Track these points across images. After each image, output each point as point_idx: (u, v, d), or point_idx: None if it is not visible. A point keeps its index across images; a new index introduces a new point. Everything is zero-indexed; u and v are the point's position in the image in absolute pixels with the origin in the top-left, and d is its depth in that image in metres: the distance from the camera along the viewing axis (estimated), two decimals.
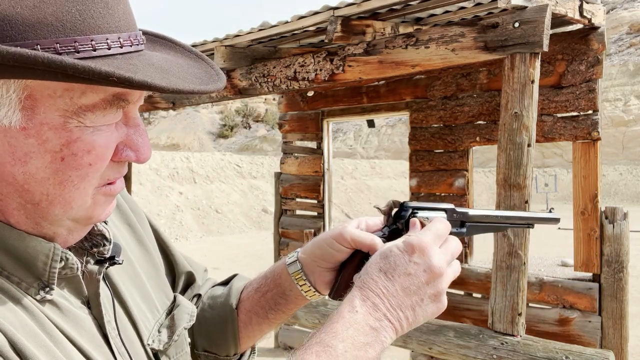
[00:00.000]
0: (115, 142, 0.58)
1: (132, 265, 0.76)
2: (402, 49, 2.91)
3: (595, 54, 3.27)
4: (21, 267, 0.58)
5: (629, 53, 32.87)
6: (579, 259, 3.28)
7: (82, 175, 0.57)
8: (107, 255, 0.66)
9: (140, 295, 0.75)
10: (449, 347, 2.77)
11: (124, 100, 0.56)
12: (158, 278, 0.81)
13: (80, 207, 0.59)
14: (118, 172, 0.61)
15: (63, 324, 0.58)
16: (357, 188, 21.86)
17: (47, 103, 0.53)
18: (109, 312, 0.65)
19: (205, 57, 0.66)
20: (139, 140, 0.60)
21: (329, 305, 3.41)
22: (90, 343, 0.60)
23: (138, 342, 0.69)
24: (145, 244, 0.82)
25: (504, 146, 2.59)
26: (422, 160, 4.15)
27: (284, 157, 5.22)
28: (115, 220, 0.78)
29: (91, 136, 0.56)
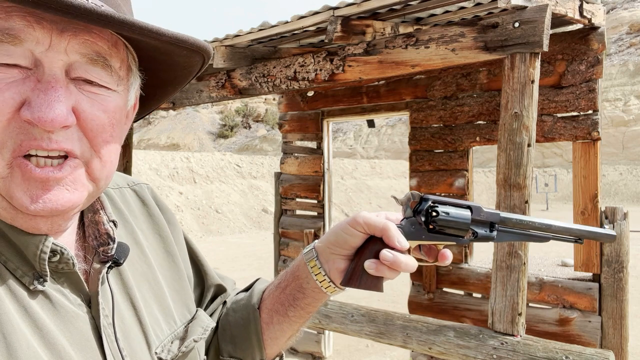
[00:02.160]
0: (11, 89, 0.52)
1: (153, 274, 0.74)
2: (402, 49, 2.91)
3: (595, 54, 3.27)
4: (17, 256, 0.57)
5: (629, 53, 32.87)
6: (579, 259, 3.28)
7: None
8: (110, 254, 0.65)
9: (157, 304, 0.72)
10: (449, 347, 2.77)
11: (13, 36, 0.51)
12: (182, 291, 0.79)
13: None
14: (29, 137, 0.52)
15: (49, 317, 0.56)
16: (357, 188, 21.86)
17: None
18: (107, 313, 0.63)
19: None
20: (38, 97, 0.52)
21: (329, 306, 3.41)
22: (76, 341, 0.58)
23: (145, 349, 0.67)
24: (175, 257, 0.80)
25: (504, 146, 2.59)
26: (422, 160, 4.15)
27: (284, 157, 5.22)
28: (145, 230, 0.77)
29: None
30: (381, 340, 3.13)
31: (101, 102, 0.57)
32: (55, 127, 0.52)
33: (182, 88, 0.73)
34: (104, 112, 0.57)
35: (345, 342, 5.23)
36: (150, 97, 0.71)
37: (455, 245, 0.78)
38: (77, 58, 0.55)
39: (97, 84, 0.57)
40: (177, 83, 0.70)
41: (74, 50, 0.54)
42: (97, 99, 0.57)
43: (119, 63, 0.59)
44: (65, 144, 0.54)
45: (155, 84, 0.69)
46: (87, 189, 0.59)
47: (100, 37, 0.56)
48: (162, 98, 0.74)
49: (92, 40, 0.55)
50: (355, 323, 3.22)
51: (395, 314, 3.11)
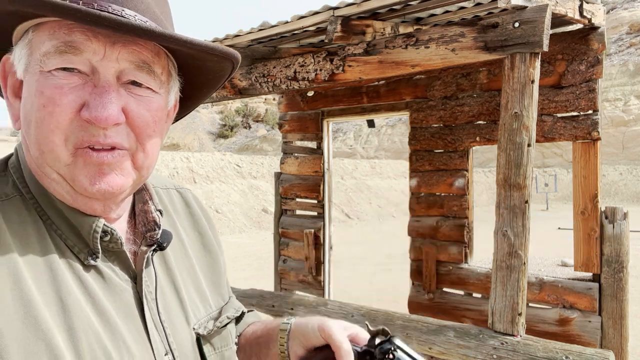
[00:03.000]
0: (73, 93, 0.62)
1: (191, 264, 0.85)
2: (402, 49, 2.91)
3: (595, 54, 3.27)
4: (75, 235, 0.67)
5: (629, 53, 32.87)
6: (579, 259, 3.28)
7: (40, 117, 0.63)
8: (156, 238, 0.75)
9: (195, 289, 0.83)
10: (449, 347, 2.77)
11: (74, 48, 0.62)
12: (217, 282, 0.89)
13: (56, 160, 0.64)
14: (88, 134, 0.63)
15: (100, 288, 0.67)
16: (357, 188, 21.87)
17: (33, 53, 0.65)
18: (150, 290, 0.73)
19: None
20: (95, 100, 0.62)
21: (329, 306, 3.42)
22: (121, 310, 0.68)
23: (184, 324, 0.76)
24: (212, 253, 0.91)
25: (504, 146, 2.59)
26: (422, 160, 4.15)
27: (284, 157, 5.22)
28: (186, 227, 0.89)
29: (46, 80, 0.63)
30: None
31: (146, 102, 0.68)
32: (109, 124, 0.63)
33: (215, 91, 0.84)
34: (148, 111, 0.68)
35: None
36: (188, 99, 0.83)
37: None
38: (126, 65, 0.65)
39: (143, 87, 0.67)
40: (210, 86, 0.82)
41: (123, 58, 0.64)
42: (143, 100, 0.67)
43: (160, 69, 0.69)
44: (116, 138, 0.65)
45: (191, 87, 0.80)
46: (132, 176, 0.69)
47: (145, 47, 0.66)
48: (199, 100, 0.85)
49: (139, 50, 0.66)
50: (356, 323, 3.22)
51: (395, 314, 3.12)
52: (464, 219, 3.93)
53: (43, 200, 0.67)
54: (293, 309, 3.61)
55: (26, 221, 0.65)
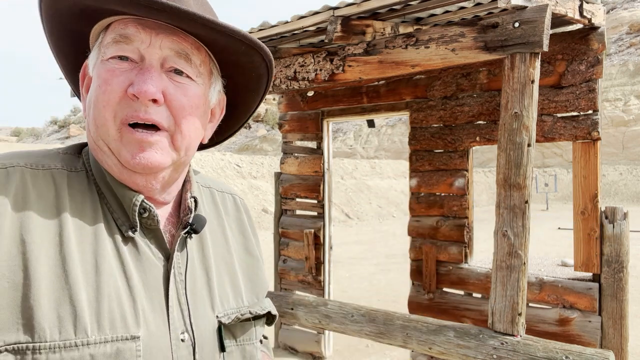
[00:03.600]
0: (123, 75, 0.73)
1: (231, 260, 0.90)
2: (402, 49, 2.91)
3: (595, 54, 3.27)
4: (119, 208, 0.76)
5: (629, 53, 32.88)
6: (579, 259, 3.28)
7: (96, 96, 0.74)
8: (187, 221, 0.81)
9: (230, 282, 0.87)
10: (449, 347, 2.77)
11: (126, 38, 0.74)
12: (256, 283, 0.93)
13: (107, 134, 0.74)
14: (132, 109, 0.72)
15: (132, 259, 0.74)
16: (357, 188, 21.86)
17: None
18: (181, 271, 0.78)
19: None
20: (138, 77, 0.72)
21: (329, 306, 3.42)
22: (148, 282, 0.74)
23: (208, 309, 0.81)
24: (254, 257, 0.96)
25: (504, 146, 2.59)
26: (422, 160, 4.15)
27: (284, 157, 5.22)
28: (233, 227, 0.95)
29: (103, 66, 0.75)
30: (381, 340, 3.13)
31: (183, 88, 0.76)
32: (147, 97, 0.71)
33: (260, 96, 0.91)
34: (185, 96, 0.76)
35: (345, 342, 5.23)
36: (237, 107, 0.93)
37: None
38: (168, 52, 0.75)
39: (183, 75, 0.77)
40: (252, 88, 0.89)
41: (166, 46, 0.75)
42: (180, 86, 0.76)
43: (199, 61, 0.79)
44: (155, 116, 0.73)
45: (235, 90, 0.89)
46: (171, 155, 0.77)
47: (184, 39, 0.76)
48: (247, 107, 0.93)
49: (179, 40, 0.76)
50: (355, 323, 3.22)
51: (395, 314, 3.12)
52: (464, 219, 3.93)
53: (99, 176, 0.77)
54: (293, 309, 3.61)
55: (85, 192, 0.75)
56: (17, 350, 0.61)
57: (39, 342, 0.62)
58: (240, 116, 0.95)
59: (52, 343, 0.62)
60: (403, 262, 9.09)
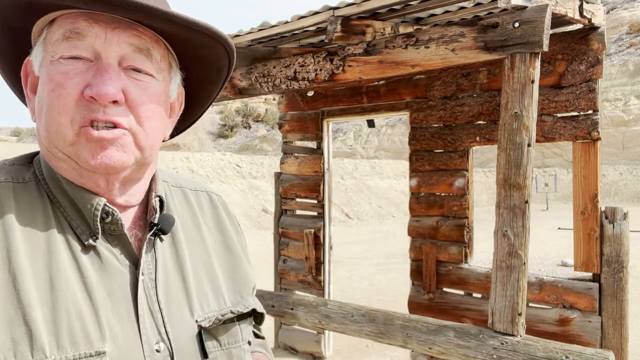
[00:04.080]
0: (78, 77, 0.68)
1: (209, 259, 0.86)
2: (402, 49, 2.91)
3: (595, 54, 3.27)
4: (78, 215, 0.71)
5: (629, 53, 32.88)
6: (579, 259, 3.28)
7: (49, 101, 0.69)
8: (151, 222, 0.77)
9: (209, 283, 0.83)
10: (449, 347, 2.77)
11: (78, 33, 0.68)
12: (238, 282, 0.89)
13: (62, 140, 0.69)
14: (90, 111, 0.68)
15: (95, 269, 0.69)
16: (357, 188, 21.86)
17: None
18: (152, 277, 0.74)
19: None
20: (96, 78, 0.68)
21: (329, 306, 3.42)
22: (114, 293, 0.69)
23: (186, 313, 0.76)
24: (235, 254, 0.91)
25: (504, 146, 2.59)
26: (422, 160, 4.15)
27: (284, 157, 5.22)
28: (210, 226, 0.91)
29: (54, 67, 0.69)
30: (381, 340, 3.13)
31: (144, 86, 0.72)
32: (107, 99, 0.67)
33: (219, 90, 0.88)
34: (146, 94, 0.72)
35: (345, 342, 5.23)
36: (195, 99, 0.89)
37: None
38: (127, 49, 0.70)
39: (142, 72, 0.72)
40: (212, 81, 0.86)
41: (123, 42, 0.70)
42: (141, 84, 0.72)
43: (159, 56, 0.74)
44: (115, 117, 0.69)
45: (194, 84, 0.86)
46: (135, 154, 0.72)
47: (144, 33, 0.71)
48: (205, 99, 0.90)
49: (137, 34, 0.71)
50: (355, 323, 3.22)
51: (395, 314, 3.11)
52: (464, 219, 3.93)
53: (53, 184, 0.72)
54: (293, 309, 3.61)
55: (35, 203, 0.70)
56: None
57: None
58: (198, 108, 0.91)
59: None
60: (403, 262, 9.09)
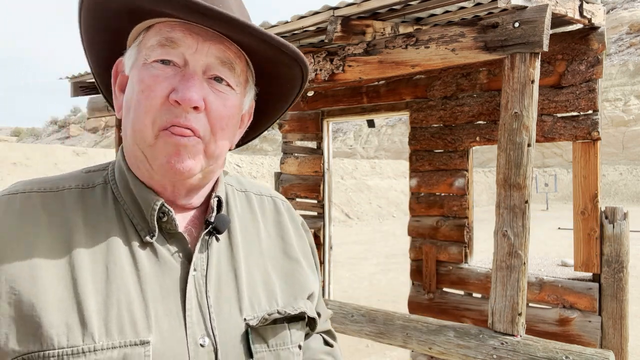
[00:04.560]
0: (166, 81, 0.73)
1: (264, 263, 0.87)
2: (402, 49, 2.91)
3: (595, 54, 3.27)
4: (139, 215, 0.76)
5: (629, 53, 32.89)
6: (579, 259, 3.28)
7: (138, 101, 0.74)
8: (208, 220, 0.81)
9: (263, 285, 0.84)
10: (449, 347, 2.77)
11: (173, 42, 0.74)
12: (294, 287, 0.89)
13: (143, 140, 0.74)
14: (172, 115, 0.72)
15: (150, 265, 0.74)
16: (357, 188, 21.87)
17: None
18: (202, 272, 0.77)
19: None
20: (181, 84, 0.72)
21: (329, 306, 3.41)
22: (167, 287, 0.73)
23: (235, 311, 0.78)
24: (293, 260, 0.92)
25: (504, 146, 2.59)
26: (422, 160, 4.15)
27: (284, 157, 5.22)
28: (271, 231, 0.93)
29: (146, 70, 0.74)
30: (381, 340, 3.13)
31: (223, 97, 0.77)
32: (190, 104, 0.71)
33: (289, 104, 0.91)
34: (224, 105, 0.77)
35: (345, 342, 5.23)
36: (263, 113, 0.93)
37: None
38: (213, 60, 0.75)
39: (223, 84, 0.77)
40: (283, 99, 0.90)
41: (211, 54, 0.75)
42: (220, 95, 0.76)
43: (240, 70, 0.79)
44: (194, 123, 0.73)
45: (266, 99, 0.90)
46: (202, 163, 0.77)
47: (229, 48, 0.77)
48: (273, 115, 0.94)
49: (224, 48, 0.76)
50: (355, 323, 3.22)
51: (395, 314, 3.11)
52: (464, 219, 3.93)
53: (121, 184, 0.79)
54: None
55: (100, 203, 0.77)
56: (29, 359, 0.63)
57: (47, 349, 0.64)
58: (265, 121, 0.95)
59: (60, 350, 0.64)
60: (403, 262, 9.10)
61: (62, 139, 57.22)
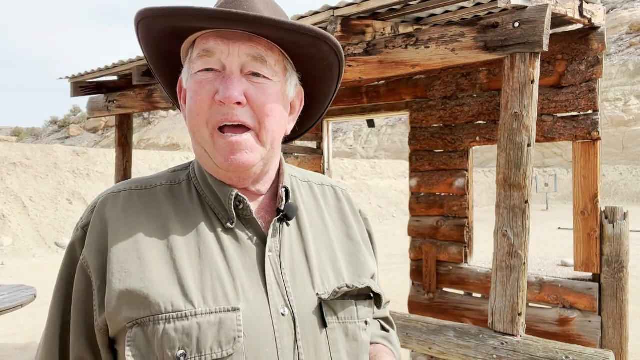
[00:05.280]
0: (210, 85, 0.83)
1: (331, 244, 0.96)
2: (402, 49, 2.91)
3: (595, 53, 3.27)
4: (220, 205, 0.88)
5: (629, 53, 32.88)
6: (579, 259, 3.28)
7: (190, 107, 0.85)
8: (278, 209, 0.90)
9: (330, 262, 0.93)
10: (449, 347, 2.77)
11: (208, 52, 0.83)
12: (358, 266, 0.97)
13: (202, 138, 0.85)
14: (221, 114, 0.82)
15: (233, 247, 0.85)
16: (357, 188, 21.86)
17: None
18: (276, 252, 0.87)
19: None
20: (222, 85, 0.82)
21: None
22: (248, 265, 0.84)
23: (309, 286, 0.87)
24: (356, 242, 1.00)
25: (504, 146, 2.59)
26: (422, 160, 4.15)
27: (284, 157, 5.22)
28: (334, 216, 1.02)
29: (193, 79, 0.85)
30: None
31: (262, 88, 0.85)
32: (232, 101, 0.81)
33: (335, 84, 0.98)
34: (264, 94, 0.85)
35: None
36: (316, 97, 1.01)
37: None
38: (245, 58, 0.84)
39: (261, 76, 0.85)
40: (325, 79, 0.97)
41: (243, 53, 0.83)
42: (259, 86, 0.85)
43: (273, 61, 0.87)
44: (242, 117, 0.83)
45: (311, 81, 0.97)
46: (259, 151, 0.86)
47: (259, 43, 0.84)
48: (324, 96, 1.01)
49: (253, 45, 0.84)
50: None
51: (395, 314, 3.11)
52: (464, 219, 3.93)
53: (201, 179, 0.90)
54: None
55: (187, 197, 0.89)
56: (140, 323, 0.76)
57: (156, 314, 0.76)
58: (320, 106, 1.03)
59: (166, 315, 0.76)
60: (403, 262, 9.09)
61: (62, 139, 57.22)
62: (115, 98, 5.18)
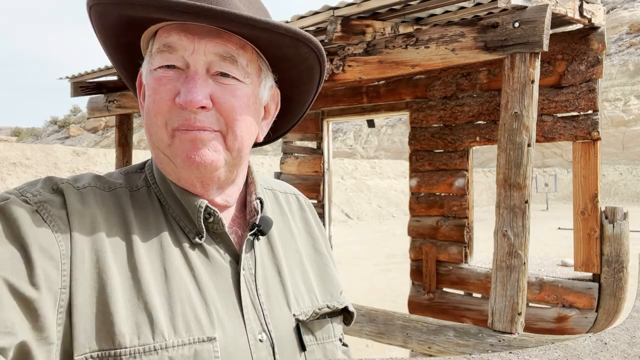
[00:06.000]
0: (170, 84, 0.73)
1: (301, 259, 0.90)
2: (402, 49, 2.91)
3: (595, 53, 3.27)
4: (186, 217, 0.77)
5: (629, 53, 32.89)
6: (579, 259, 3.29)
7: (148, 105, 0.75)
8: (254, 222, 0.82)
9: (302, 279, 0.87)
10: (449, 347, 2.77)
11: (170, 47, 0.73)
12: (327, 281, 0.92)
13: (161, 141, 0.75)
14: (182, 118, 0.73)
15: (202, 265, 0.75)
16: (357, 188, 21.87)
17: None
18: (252, 272, 0.79)
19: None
20: (184, 87, 0.72)
21: None
22: (220, 286, 0.75)
23: (284, 307, 0.81)
24: (322, 255, 0.95)
25: (504, 146, 2.59)
26: (422, 160, 4.15)
27: (284, 157, 5.23)
28: (300, 227, 0.96)
29: (152, 76, 0.75)
30: (381, 340, 3.13)
31: (231, 90, 0.75)
32: (194, 106, 0.71)
33: (314, 88, 0.89)
34: (233, 97, 0.75)
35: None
36: (293, 101, 0.92)
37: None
38: (213, 57, 0.73)
39: (230, 77, 0.75)
40: (304, 82, 0.88)
41: (209, 51, 0.73)
42: (228, 88, 0.75)
43: (245, 61, 0.77)
44: (205, 122, 0.73)
45: (289, 84, 0.88)
46: (224, 155, 0.76)
47: (229, 40, 0.74)
48: (302, 100, 0.92)
49: (223, 42, 0.74)
50: (355, 323, 3.22)
51: (395, 314, 3.12)
52: (464, 219, 3.93)
53: (163, 187, 0.79)
54: None
55: (148, 206, 0.77)
56: (100, 357, 0.63)
57: (119, 348, 0.64)
58: (296, 110, 0.93)
59: (132, 349, 0.64)
60: (403, 262, 9.10)
61: (62, 139, 57.23)
62: (115, 98, 5.18)
